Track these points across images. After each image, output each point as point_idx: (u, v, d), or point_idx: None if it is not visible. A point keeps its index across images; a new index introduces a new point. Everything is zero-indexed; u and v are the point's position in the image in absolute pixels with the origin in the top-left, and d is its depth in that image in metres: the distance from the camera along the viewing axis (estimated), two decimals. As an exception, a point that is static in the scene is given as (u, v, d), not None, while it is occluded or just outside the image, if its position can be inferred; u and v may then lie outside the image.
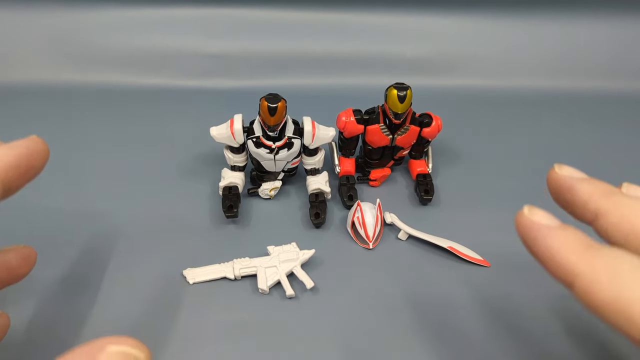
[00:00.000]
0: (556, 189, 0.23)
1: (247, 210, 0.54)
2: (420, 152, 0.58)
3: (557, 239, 0.19)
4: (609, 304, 0.17)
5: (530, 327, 0.43)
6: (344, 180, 0.55)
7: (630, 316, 0.16)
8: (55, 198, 0.54)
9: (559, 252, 0.19)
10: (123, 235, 0.50)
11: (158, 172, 0.58)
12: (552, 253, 0.19)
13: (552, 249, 0.19)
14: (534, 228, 0.20)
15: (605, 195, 0.21)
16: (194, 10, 0.80)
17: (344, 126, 0.52)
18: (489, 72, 0.82)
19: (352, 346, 0.41)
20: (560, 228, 0.20)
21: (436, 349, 0.41)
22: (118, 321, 0.42)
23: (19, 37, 0.78)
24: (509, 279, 0.47)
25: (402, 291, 0.45)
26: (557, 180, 0.22)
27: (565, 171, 0.22)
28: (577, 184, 0.22)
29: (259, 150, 0.50)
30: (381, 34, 0.81)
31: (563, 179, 0.22)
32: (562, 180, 0.22)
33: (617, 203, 0.20)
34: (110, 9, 0.79)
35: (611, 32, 0.83)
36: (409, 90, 0.48)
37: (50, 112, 0.70)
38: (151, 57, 0.79)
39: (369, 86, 0.75)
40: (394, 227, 0.52)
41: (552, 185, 0.23)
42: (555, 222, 0.20)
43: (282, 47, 0.80)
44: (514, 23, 0.82)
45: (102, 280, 0.45)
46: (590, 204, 0.21)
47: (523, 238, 0.21)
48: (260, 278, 0.45)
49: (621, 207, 0.20)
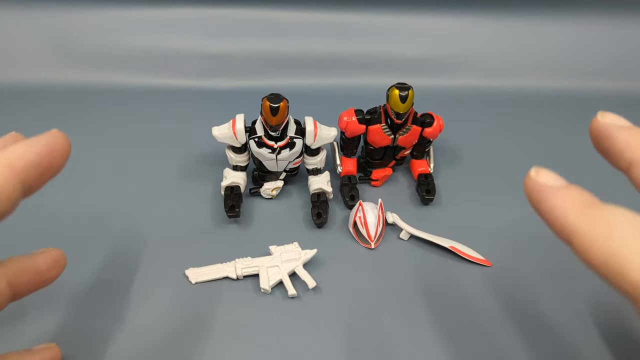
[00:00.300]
0: (596, 137, 0.22)
1: (249, 210, 0.54)
2: (421, 152, 0.58)
3: (559, 198, 0.19)
4: (604, 261, 0.17)
5: (531, 326, 0.43)
6: (346, 180, 0.55)
7: (624, 273, 0.16)
8: (55, 198, 0.54)
9: (560, 211, 0.19)
10: (124, 236, 0.50)
11: (159, 173, 0.58)
12: (554, 212, 0.19)
13: (555, 208, 0.19)
14: (539, 189, 0.20)
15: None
16: (194, 10, 0.80)
17: (345, 126, 0.52)
18: (489, 72, 0.82)
19: (355, 345, 0.41)
20: (564, 188, 0.20)
21: (438, 348, 0.41)
22: (118, 321, 0.42)
23: (19, 37, 0.77)
24: (510, 278, 0.47)
25: (404, 291, 0.45)
26: (598, 129, 0.22)
27: (607, 119, 0.22)
28: (616, 131, 0.21)
29: (261, 150, 0.50)
30: (382, 34, 0.81)
31: (603, 128, 0.22)
32: (602, 129, 0.22)
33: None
34: (110, 9, 0.79)
35: (612, 32, 0.83)
36: (410, 90, 0.48)
37: (51, 112, 0.69)
38: (151, 57, 0.79)
39: (371, 86, 0.75)
40: (395, 227, 0.52)
41: (594, 134, 0.22)
42: (561, 183, 0.20)
43: (282, 47, 0.80)
44: (514, 23, 0.83)
45: (102, 280, 0.45)
46: (626, 152, 0.20)
47: (530, 200, 0.21)
48: (262, 278, 0.45)
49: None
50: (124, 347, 0.40)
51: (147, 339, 0.41)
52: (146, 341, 0.41)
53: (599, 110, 0.23)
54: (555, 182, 0.20)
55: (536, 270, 0.48)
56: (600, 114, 0.22)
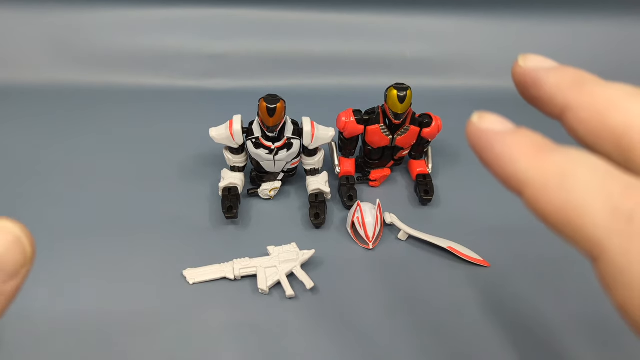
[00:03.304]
0: (522, 85, 0.19)
1: (247, 211, 0.54)
2: (420, 153, 0.58)
3: (506, 145, 0.16)
4: (556, 213, 0.14)
5: (530, 326, 0.43)
6: (344, 180, 0.55)
7: (581, 228, 0.14)
8: (55, 198, 0.54)
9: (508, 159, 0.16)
10: (123, 236, 0.50)
11: (158, 173, 0.58)
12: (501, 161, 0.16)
13: (501, 156, 0.16)
14: (483, 136, 0.17)
15: (574, 85, 0.17)
16: (194, 10, 0.80)
17: (344, 126, 0.52)
18: (489, 72, 0.81)
19: (352, 346, 0.41)
20: (511, 132, 0.17)
21: (436, 348, 0.41)
22: (118, 321, 0.42)
23: (19, 37, 0.77)
24: (508, 279, 0.47)
25: (402, 291, 0.45)
26: (522, 75, 0.19)
27: (530, 62, 0.19)
28: (543, 75, 0.18)
29: (259, 151, 0.50)
30: (381, 34, 0.81)
31: (528, 73, 0.18)
32: (527, 75, 0.18)
33: (588, 94, 0.17)
34: (110, 9, 0.79)
35: (612, 33, 0.83)
36: (409, 91, 0.48)
37: (51, 112, 0.69)
38: (151, 57, 0.79)
39: (369, 86, 0.75)
40: (393, 228, 0.52)
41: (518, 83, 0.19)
42: (507, 127, 0.17)
43: (282, 47, 0.80)
44: (514, 23, 0.82)
45: (102, 280, 0.45)
46: (557, 97, 0.17)
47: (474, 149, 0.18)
48: (260, 278, 0.45)
49: (593, 99, 0.16)
50: (121, 347, 0.40)
51: (145, 339, 0.41)
52: (144, 341, 0.41)
53: (519, 53, 0.20)
54: (502, 127, 0.17)
55: (535, 271, 0.48)
56: (521, 57, 0.19)
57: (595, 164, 0.15)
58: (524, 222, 0.53)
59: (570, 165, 0.15)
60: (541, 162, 0.15)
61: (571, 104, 0.17)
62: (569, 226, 0.14)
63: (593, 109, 0.16)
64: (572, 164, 0.15)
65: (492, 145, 0.16)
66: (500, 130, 0.17)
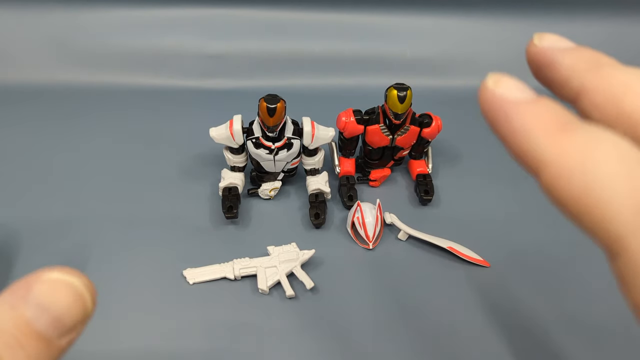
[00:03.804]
0: (536, 65, 0.18)
1: (247, 211, 0.54)
2: (420, 153, 0.58)
3: (524, 117, 0.14)
4: (576, 201, 0.13)
5: (529, 326, 0.43)
6: (344, 180, 0.55)
7: (599, 219, 0.12)
8: (54, 198, 0.54)
9: (526, 135, 0.14)
10: (123, 236, 0.50)
11: (158, 173, 0.58)
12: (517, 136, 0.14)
13: (518, 130, 0.14)
14: (499, 104, 0.15)
15: (591, 68, 0.16)
16: (194, 10, 0.80)
17: (344, 126, 0.52)
18: (489, 72, 0.81)
19: (352, 346, 0.41)
20: (531, 102, 0.15)
21: (436, 348, 0.41)
22: (118, 321, 0.42)
23: (19, 37, 0.77)
24: (508, 279, 0.47)
25: (402, 291, 0.45)
26: (537, 55, 0.17)
27: (546, 41, 0.17)
28: (559, 56, 0.17)
29: (259, 151, 0.50)
30: (381, 34, 0.81)
31: (544, 53, 0.17)
32: (542, 55, 0.17)
33: (604, 78, 0.15)
34: (110, 9, 0.79)
35: (612, 33, 0.83)
36: (409, 91, 0.48)
37: (50, 112, 0.69)
38: (151, 57, 0.79)
39: (369, 86, 0.75)
40: (393, 228, 0.52)
41: (533, 63, 0.18)
42: (527, 95, 0.15)
43: (282, 47, 0.80)
44: (514, 23, 0.82)
45: (101, 279, 0.45)
46: (573, 79, 0.16)
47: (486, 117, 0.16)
48: (260, 278, 0.45)
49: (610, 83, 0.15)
50: (121, 347, 0.40)
51: (145, 339, 0.41)
52: (144, 342, 0.41)
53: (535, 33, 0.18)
54: (520, 95, 0.15)
55: (535, 271, 0.48)
56: (536, 36, 0.17)
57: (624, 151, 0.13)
58: (524, 222, 0.53)
59: (596, 148, 0.13)
60: (563, 140, 0.14)
61: (586, 87, 0.16)
62: (589, 217, 0.13)
63: (609, 93, 0.15)
64: (598, 146, 0.13)
65: (508, 117, 0.15)
66: (519, 98, 0.15)
